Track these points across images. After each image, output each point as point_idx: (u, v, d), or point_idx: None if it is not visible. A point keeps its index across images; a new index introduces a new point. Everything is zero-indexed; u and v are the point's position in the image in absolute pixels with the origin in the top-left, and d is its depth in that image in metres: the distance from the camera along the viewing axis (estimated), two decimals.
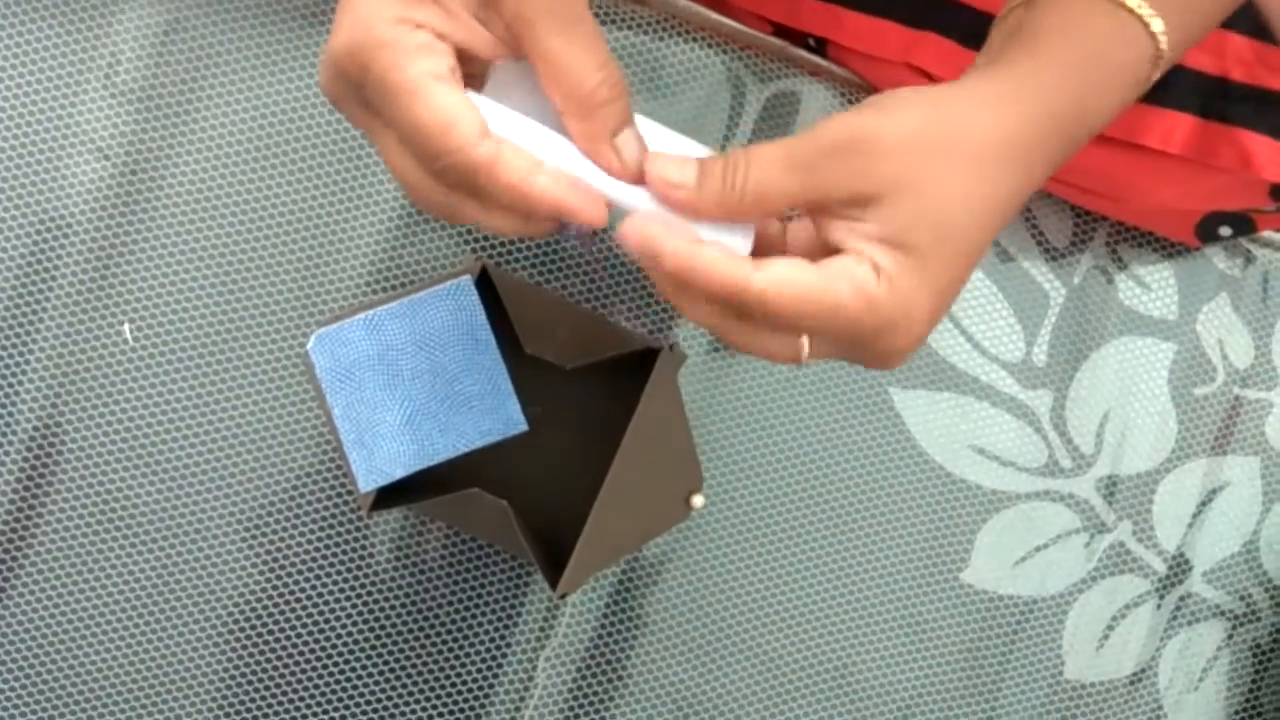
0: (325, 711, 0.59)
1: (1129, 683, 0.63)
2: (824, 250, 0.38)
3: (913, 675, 0.62)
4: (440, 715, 0.60)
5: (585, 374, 0.56)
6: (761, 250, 0.39)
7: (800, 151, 0.36)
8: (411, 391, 0.53)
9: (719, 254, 0.36)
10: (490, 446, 0.54)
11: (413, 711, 0.60)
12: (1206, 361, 0.62)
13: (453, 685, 0.60)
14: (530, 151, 0.37)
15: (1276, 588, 0.63)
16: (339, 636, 0.59)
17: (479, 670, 0.60)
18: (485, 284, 0.54)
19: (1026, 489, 0.62)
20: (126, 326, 0.58)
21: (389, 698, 0.59)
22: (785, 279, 0.36)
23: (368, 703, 0.59)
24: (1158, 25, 0.38)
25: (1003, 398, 0.62)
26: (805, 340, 0.38)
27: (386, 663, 0.59)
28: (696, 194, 0.36)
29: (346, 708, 0.59)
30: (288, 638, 0.59)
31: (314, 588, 0.59)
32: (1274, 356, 0.63)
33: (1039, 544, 0.62)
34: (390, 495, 0.54)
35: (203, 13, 0.57)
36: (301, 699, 0.59)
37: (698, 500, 0.55)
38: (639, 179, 0.38)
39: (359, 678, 0.59)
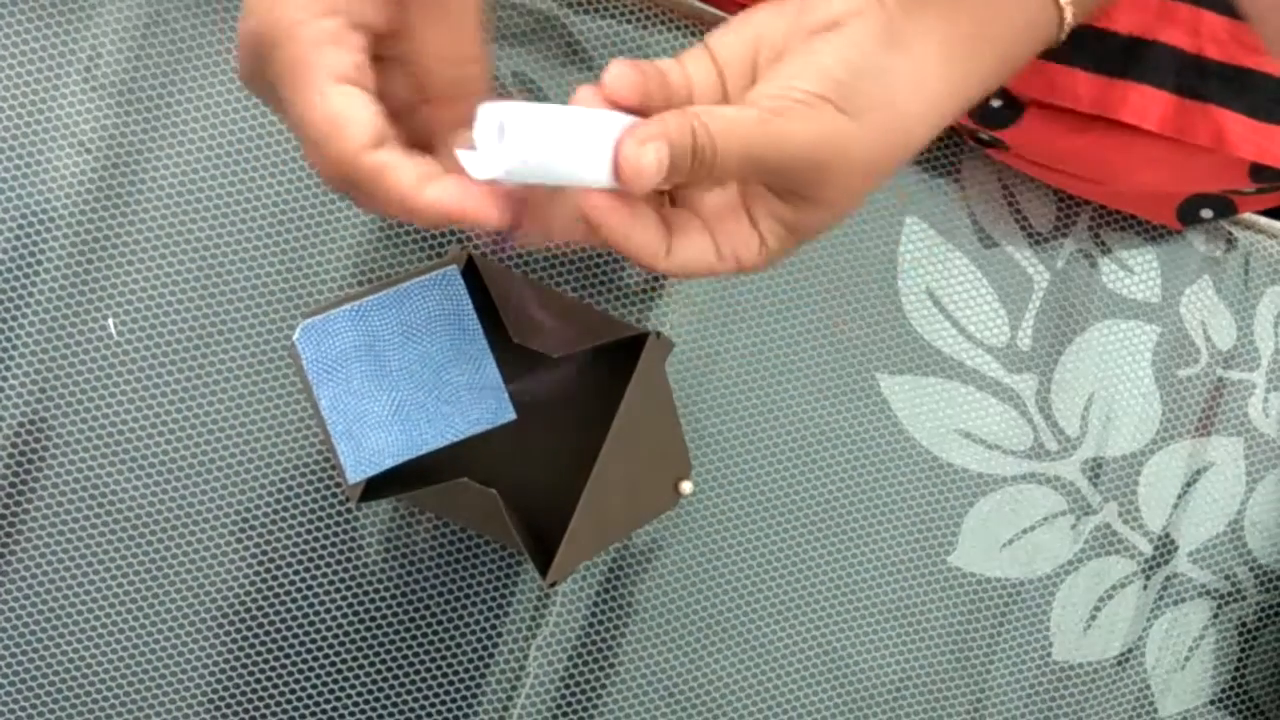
0: (316, 703, 0.59)
1: (1116, 663, 0.63)
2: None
3: (902, 659, 0.62)
4: (432, 706, 0.60)
5: (572, 362, 0.56)
6: None
7: (768, 156, 0.36)
8: (399, 382, 0.53)
9: (643, 232, 0.38)
10: (478, 436, 0.54)
11: (404, 703, 0.60)
12: (1190, 343, 0.63)
13: (444, 676, 0.60)
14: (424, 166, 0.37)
15: (1261, 567, 0.64)
16: (329, 628, 0.59)
17: (470, 661, 0.60)
18: (471, 273, 0.54)
19: (1012, 472, 0.62)
20: (111, 321, 0.58)
21: (380, 689, 0.59)
22: (691, 262, 0.39)
23: (359, 694, 0.59)
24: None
25: (988, 382, 0.62)
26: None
27: (377, 654, 0.59)
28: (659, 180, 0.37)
29: (338, 699, 0.59)
30: (278, 630, 0.59)
31: (303, 580, 0.59)
32: (1256, 338, 0.63)
33: (1025, 527, 0.62)
34: (379, 486, 0.54)
35: (183, 6, 0.57)
36: (292, 691, 0.59)
37: (686, 487, 0.56)
38: (459, 207, 0.37)
39: (350, 669, 0.59)
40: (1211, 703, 0.64)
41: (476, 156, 0.37)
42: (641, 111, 0.37)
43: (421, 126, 0.40)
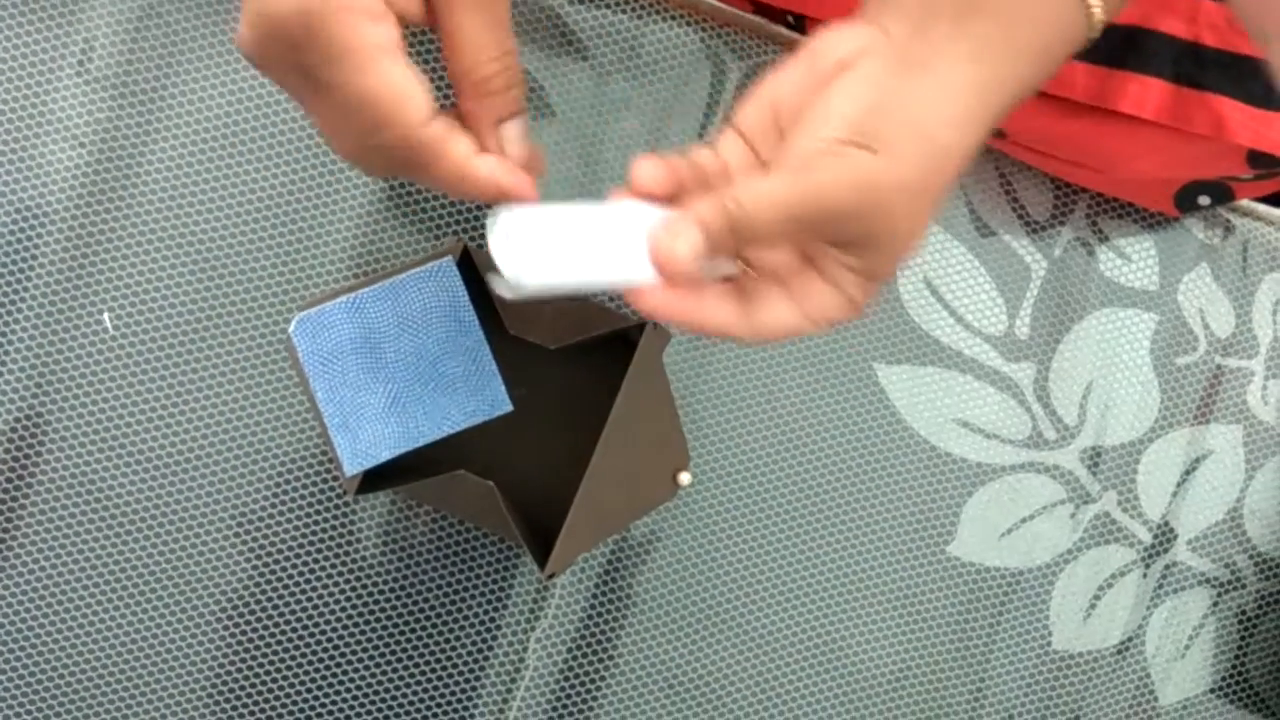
0: (315, 696, 0.59)
1: (1116, 652, 0.63)
2: (797, 248, 0.40)
3: (901, 649, 0.62)
4: (432, 699, 0.60)
5: (569, 354, 0.56)
6: None
7: (807, 213, 0.36)
8: (395, 373, 0.52)
9: (718, 311, 0.39)
10: (476, 428, 0.54)
11: (404, 696, 0.59)
12: (1188, 331, 0.63)
13: (444, 668, 0.60)
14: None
15: (1261, 555, 0.64)
16: (327, 622, 0.59)
17: (470, 653, 0.60)
18: (467, 265, 0.54)
19: (1011, 461, 0.62)
20: (106, 315, 0.57)
21: (379, 683, 0.59)
22: (774, 327, 0.39)
23: (358, 688, 0.59)
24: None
25: (986, 371, 0.62)
26: None
27: (376, 647, 0.59)
28: (699, 265, 0.37)
29: (337, 693, 0.59)
30: (275, 623, 0.59)
31: (301, 573, 0.59)
32: (1254, 325, 0.63)
33: (1024, 516, 0.62)
34: (376, 479, 0.54)
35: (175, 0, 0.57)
36: (290, 684, 0.59)
37: (684, 478, 0.55)
38: (507, 182, 0.39)
39: (349, 662, 0.59)
40: (1211, 691, 0.64)
41: (500, 277, 0.38)
42: (678, 202, 0.38)
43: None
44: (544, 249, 0.38)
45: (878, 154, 0.36)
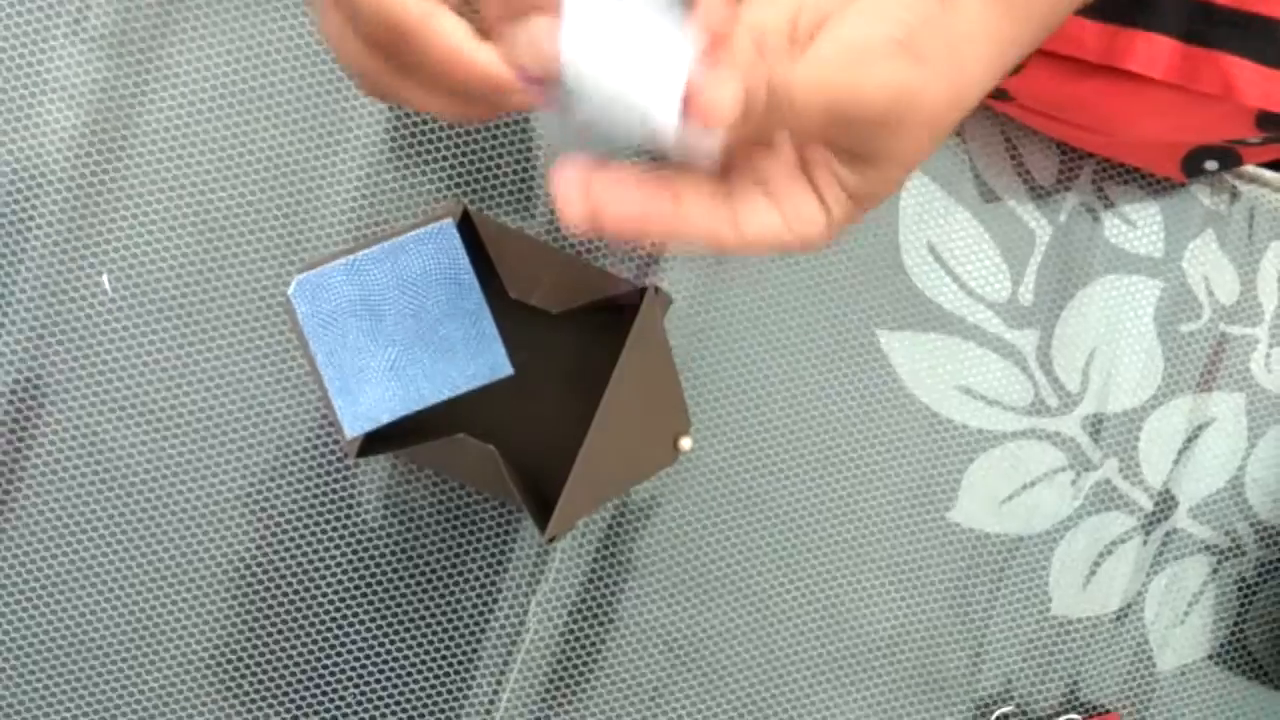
0: (316, 658, 0.59)
1: (1115, 618, 0.63)
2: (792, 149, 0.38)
3: (901, 613, 0.62)
4: (433, 662, 0.60)
5: (571, 318, 0.55)
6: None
7: (845, 105, 0.34)
8: (395, 336, 0.52)
9: (698, 210, 0.36)
10: (477, 392, 0.54)
11: (405, 659, 0.60)
12: (1192, 298, 0.62)
13: (445, 632, 0.60)
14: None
15: (1261, 523, 0.64)
16: (329, 584, 0.59)
17: (470, 617, 0.60)
18: (467, 228, 0.53)
19: (1013, 428, 0.62)
20: (105, 276, 0.57)
21: (380, 645, 0.59)
22: (757, 235, 0.37)
23: (360, 650, 0.59)
24: None
25: (989, 337, 0.61)
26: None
27: (378, 610, 0.59)
28: (726, 127, 0.35)
29: (339, 654, 0.59)
30: (277, 586, 0.59)
31: (303, 536, 0.59)
32: (1259, 292, 0.63)
33: (1025, 482, 0.62)
34: (377, 441, 0.54)
35: None
36: (291, 646, 0.59)
37: (685, 443, 0.55)
38: (506, 76, 0.35)
39: (349, 625, 0.59)
40: (1210, 658, 0.64)
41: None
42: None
43: None
44: (583, 32, 0.34)
45: (923, 67, 0.34)
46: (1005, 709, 0.63)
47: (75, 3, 0.56)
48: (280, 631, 0.59)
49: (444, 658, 0.60)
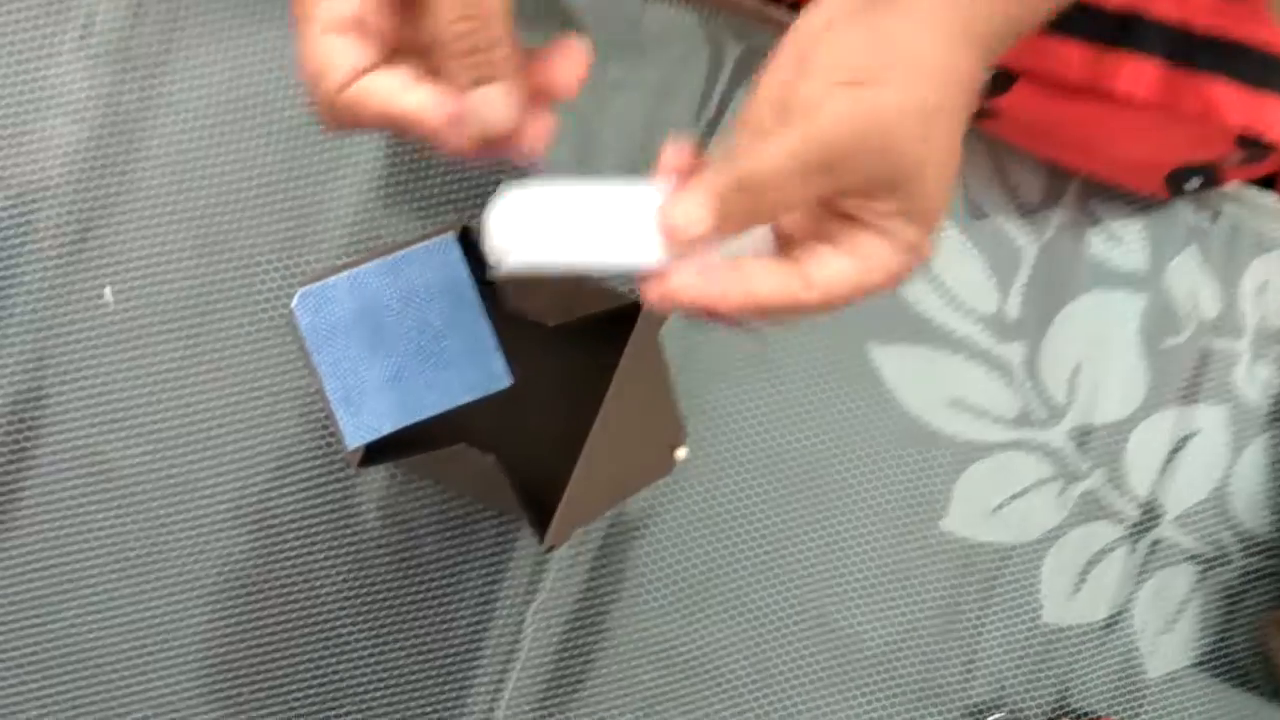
0: (316, 666, 0.60)
1: (1104, 626, 0.64)
2: (833, 212, 0.39)
3: (895, 622, 0.63)
4: (431, 671, 0.60)
5: (568, 331, 0.56)
6: None
7: (815, 156, 0.36)
8: (396, 348, 0.53)
9: (766, 277, 0.37)
10: (476, 404, 0.55)
11: (403, 668, 0.60)
12: (1176, 313, 0.64)
13: (443, 641, 0.60)
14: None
15: (1245, 531, 0.65)
16: (328, 593, 0.60)
17: (468, 625, 0.60)
18: (467, 244, 0.54)
19: (1001, 439, 0.63)
20: (107, 289, 0.58)
21: (379, 655, 0.60)
22: (834, 282, 0.38)
23: (359, 658, 0.60)
24: None
25: (978, 350, 0.63)
26: None
27: (376, 619, 0.60)
28: (716, 230, 0.37)
29: (337, 663, 0.60)
30: (276, 595, 0.59)
31: (303, 545, 0.59)
32: (1241, 307, 0.64)
33: (1015, 492, 0.63)
34: (377, 452, 0.55)
35: None
36: (291, 656, 0.60)
37: (681, 453, 0.56)
38: (492, 141, 0.37)
39: (348, 634, 0.60)
40: (1197, 665, 0.65)
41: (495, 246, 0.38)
42: None
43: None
44: (539, 227, 0.38)
45: (872, 87, 0.36)
46: (997, 716, 0.63)
47: (82, 18, 0.57)
48: (279, 641, 0.60)
49: (442, 667, 0.60)
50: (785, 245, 0.40)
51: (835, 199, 0.38)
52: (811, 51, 0.38)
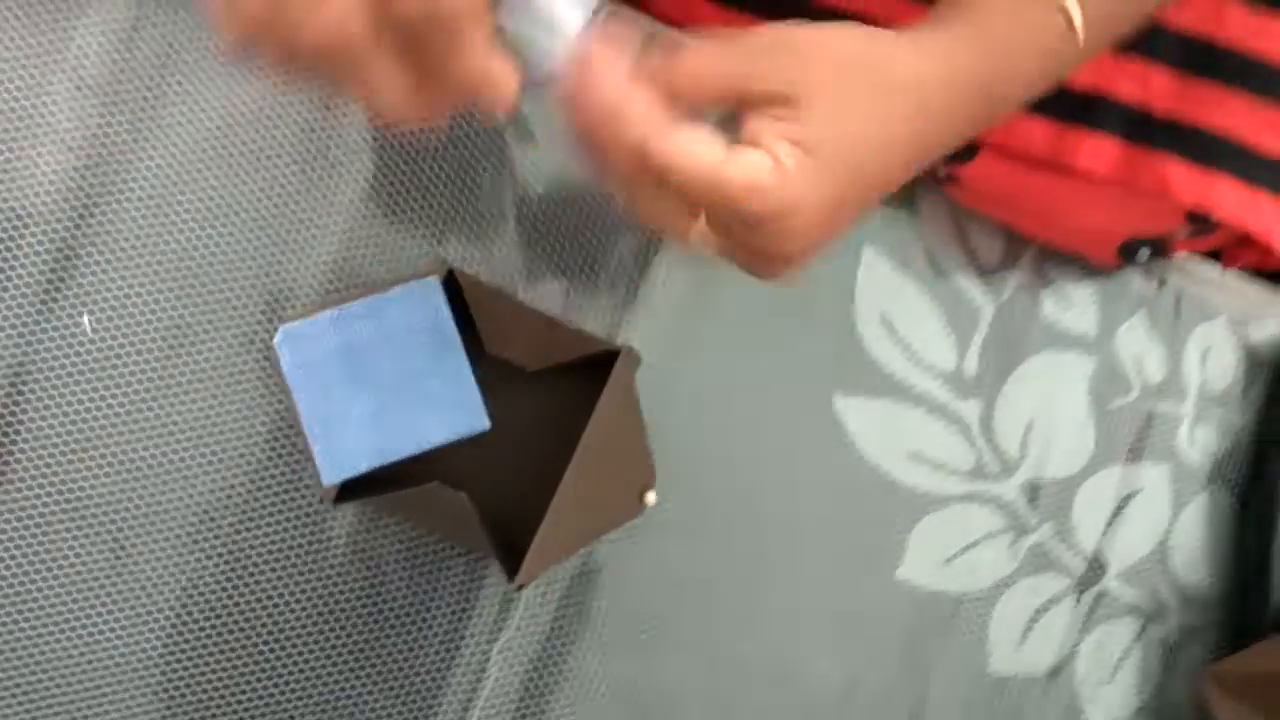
0: (277, 700, 0.60)
1: (1048, 675, 0.66)
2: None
3: (850, 668, 0.65)
4: (394, 705, 0.61)
5: (546, 375, 0.58)
6: None
7: (737, 44, 0.39)
8: (376, 387, 0.54)
9: (645, 109, 0.38)
10: (452, 445, 0.56)
11: (366, 701, 0.60)
12: (1123, 375, 0.67)
13: (406, 677, 0.61)
14: None
15: (1184, 587, 0.68)
16: (291, 627, 0.60)
17: (433, 662, 0.61)
18: (451, 286, 0.55)
19: (957, 491, 0.65)
20: (86, 318, 0.58)
21: (343, 687, 0.60)
22: (689, 148, 0.38)
23: (321, 692, 0.60)
24: (1078, 18, 0.41)
25: (936, 405, 0.65)
26: (702, 219, 0.41)
27: (340, 654, 0.60)
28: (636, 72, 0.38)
29: (300, 697, 0.60)
30: (241, 630, 0.59)
31: (270, 578, 0.60)
32: (1184, 372, 0.67)
33: (968, 543, 0.65)
34: (352, 489, 0.55)
35: (169, 8, 0.58)
36: (254, 688, 0.60)
37: (650, 497, 0.58)
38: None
39: (312, 668, 0.60)
40: (1136, 715, 0.67)
41: None
42: None
43: None
44: None
45: (833, 30, 0.39)
46: None
47: (75, 51, 0.57)
48: (240, 671, 0.60)
49: (405, 702, 0.61)
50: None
51: (748, 112, 0.40)
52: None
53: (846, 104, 0.39)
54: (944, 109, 0.41)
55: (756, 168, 0.38)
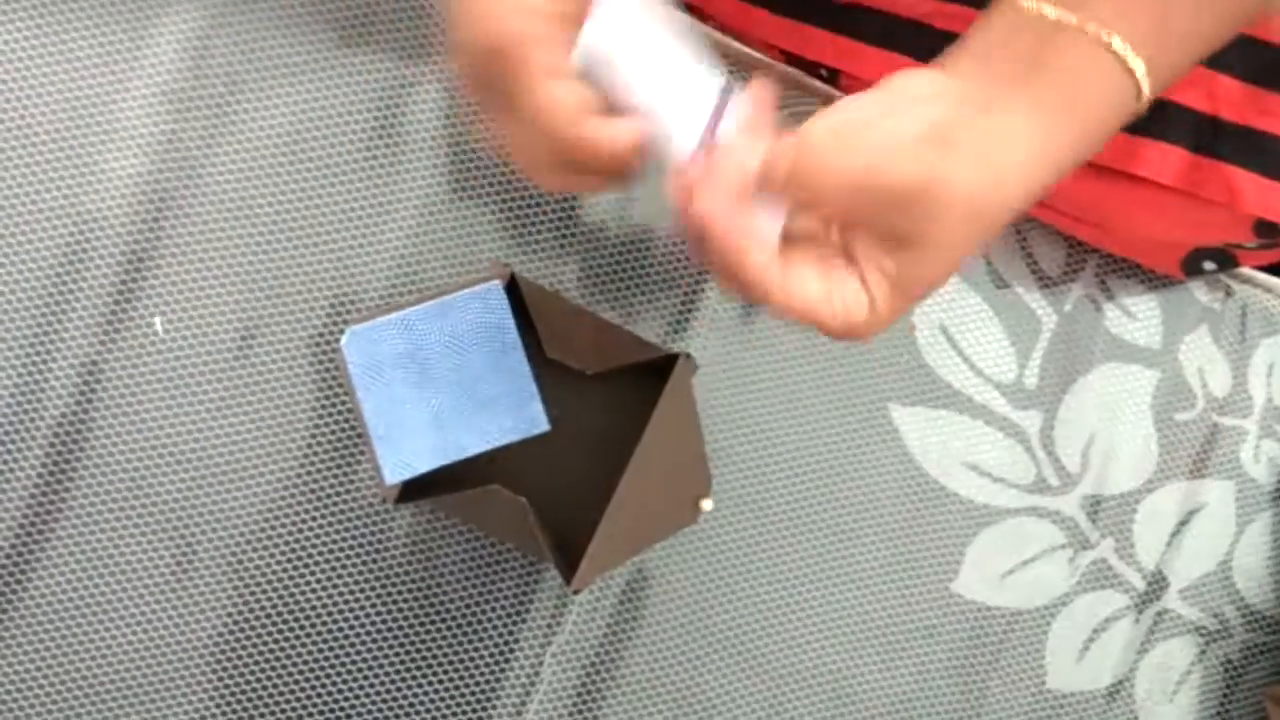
0: (335, 698, 0.61)
1: (1107, 694, 0.65)
2: (836, 240, 0.41)
3: (903, 681, 0.64)
4: (449, 705, 0.61)
5: (604, 380, 0.58)
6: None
7: (868, 181, 0.38)
8: (439, 389, 0.55)
9: (759, 246, 0.39)
10: (510, 446, 0.56)
11: (422, 702, 0.61)
12: (1187, 389, 0.66)
13: (461, 678, 0.61)
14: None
15: (1248, 606, 0.66)
16: (351, 626, 0.61)
17: (488, 664, 0.61)
18: (512, 290, 0.56)
19: (1015, 505, 0.65)
20: (157, 320, 0.59)
21: (399, 686, 0.61)
22: (800, 295, 0.40)
23: (379, 692, 0.61)
24: (1140, 69, 0.40)
25: (995, 417, 0.64)
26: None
27: (398, 654, 0.61)
28: (754, 179, 0.39)
29: (358, 696, 0.61)
30: (300, 627, 0.60)
31: (329, 579, 0.60)
32: (1250, 386, 0.66)
33: (1026, 558, 0.65)
34: (413, 489, 0.56)
35: (244, 16, 0.59)
36: (312, 686, 0.60)
37: (706, 504, 0.58)
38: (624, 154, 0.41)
39: (370, 667, 0.61)
40: None
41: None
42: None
43: None
44: (624, 41, 0.41)
45: (951, 155, 0.38)
46: None
47: (150, 58, 0.59)
48: (300, 670, 0.60)
49: (460, 704, 0.61)
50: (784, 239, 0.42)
51: (850, 228, 0.40)
52: (903, 108, 0.39)
53: (957, 250, 0.39)
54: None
55: (853, 312, 0.40)
